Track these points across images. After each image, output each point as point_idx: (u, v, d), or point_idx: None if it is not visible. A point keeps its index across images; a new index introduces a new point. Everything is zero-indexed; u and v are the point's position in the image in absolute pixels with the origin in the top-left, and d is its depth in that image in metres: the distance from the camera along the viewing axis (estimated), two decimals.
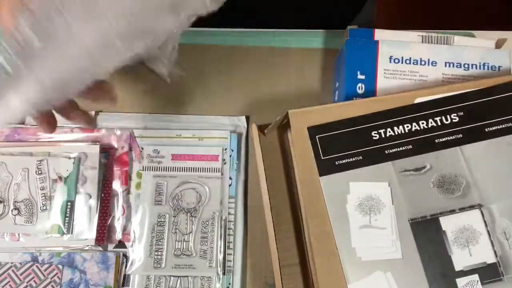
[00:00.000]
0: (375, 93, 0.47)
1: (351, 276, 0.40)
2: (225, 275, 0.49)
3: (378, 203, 0.41)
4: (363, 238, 0.40)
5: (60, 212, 0.49)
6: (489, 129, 0.42)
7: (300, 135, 0.43)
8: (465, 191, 0.41)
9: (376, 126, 0.43)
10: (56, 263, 0.49)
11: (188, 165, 0.52)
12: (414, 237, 0.40)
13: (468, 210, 0.40)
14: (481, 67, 0.47)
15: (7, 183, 0.50)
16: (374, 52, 0.47)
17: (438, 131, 0.42)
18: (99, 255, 0.49)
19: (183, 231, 0.50)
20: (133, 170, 0.52)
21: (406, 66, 0.47)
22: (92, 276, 0.49)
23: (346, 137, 0.42)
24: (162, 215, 0.50)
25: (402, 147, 0.42)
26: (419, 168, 0.42)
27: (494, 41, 0.48)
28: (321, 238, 0.41)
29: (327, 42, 0.56)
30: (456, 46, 0.48)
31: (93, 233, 0.49)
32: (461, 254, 0.39)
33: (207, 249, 0.49)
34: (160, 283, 0.49)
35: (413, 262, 0.39)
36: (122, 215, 0.50)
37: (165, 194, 0.51)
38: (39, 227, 0.49)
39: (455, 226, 0.40)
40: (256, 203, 0.51)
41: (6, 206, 0.49)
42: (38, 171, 0.50)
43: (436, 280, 0.39)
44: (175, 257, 0.49)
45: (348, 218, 0.41)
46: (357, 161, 0.42)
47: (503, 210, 0.40)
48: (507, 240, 0.40)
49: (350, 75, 0.47)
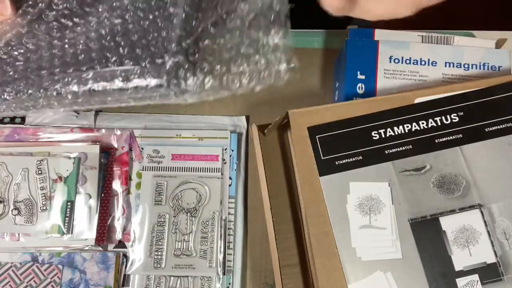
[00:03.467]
0: (375, 93, 0.47)
1: (351, 276, 0.40)
2: (225, 275, 0.49)
3: (378, 203, 0.41)
4: (363, 238, 0.40)
5: (60, 212, 0.49)
6: (489, 129, 0.42)
7: (300, 135, 0.43)
8: (465, 191, 0.41)
9: (376, 126, 0.43)
10: (56, 263, 0.49)
11: (188, 165, 0.52)
12: (414, 237, 0.40)
13: (468, 210, 0.40)
14: (481, 67, 0.47)
15: (7, 183, 0.50)
16: (374, 52, 0.47)
17: (438, 131, 0.42)
18: (99, 255, 0.49)
19: (183, 231, 0.50)
20: (133, 170, 0.52)
21: (406, 66, 0.47)
22: (92, 276, 0.49)
23: (346, 137, 0.42)
24: (162, 215, 0.50)
25: (402, 147, 0.42)
26: (419, 168, 0.42)
27: (494, 41, 0.48)
28: (321, 238, 0.41)
29: (327, 42, 0.56)
30: (456, 46, 0.48)
31: (93, 233, 0.49)
32: (461, 254, 0.39)
33: (207, 249, 0.49)
34: (160, 283, 0.49)
35: (413, 262, 0.39)
36: (122, 215, 0.50)
37: (165, 194, 0.51)
38: (39, 227, 0.49)
39: (455, 226, 0.40)
40: (256, 203, 0.51)
41: (6, 206, 0.49)
42: (38, 171, 0.50)
43: (436, 280, 0.39)
44: (175, 257, 0.49)
45: (348, 218, 0.41)
46: (357, 161, 0.42)
47: (503, 210, 0.40)
48: (507, 240, 0.40)
49: (350, 75, 0.47)
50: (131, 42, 0.38)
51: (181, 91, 0.37)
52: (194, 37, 0.37)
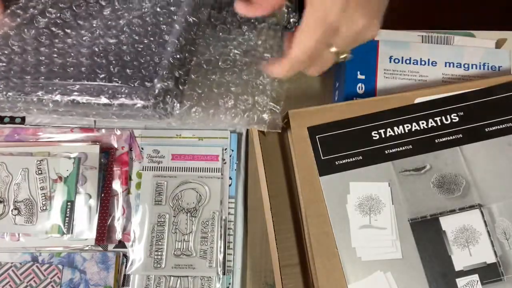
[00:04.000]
0: (375, 93, 0.47)
1: (351, 276, 0.40)
2: (225, 275, 0.49)
3: (378, 203, 0.41)
4: (363, 238, 0.40)
5: (60, 212, 0.49)
6: (489, 129, 0.42)
7: (300, 135, 0.43)
8: (465, 191, 0.41)
9: (376, 126, 0.43)
10: (56, 263, 0.49)
11: (188, 165, 0.52)
12: (414, 237, 0.40)
13: (468, 210, 0.40)
14: (481, 67, 0.47)
15: (7, 183, 0.50)
16: (374, 52, 0.47)
17: (438, 131, 0.42)
18: (99, 255, 0.49)
19: (183, 231, 0.50)
20: (133, 170, 0.52)
21: (406, 66, 0.47)
22: (92, 276, 0.49)
23: (346, 137, 0.42)
24: (162, 215, 0.50)
25: (402, 147, 0.42)
26: (419, 168, 0.42)
27: (494, 41, 0.48)
28: (321, 238, 0.41)
29: None
30: (456, 46, 0.48)
31: (93, 233, 0.49)
32: (461, 254, 0.39)
33: (207, 249, 0.49)
34: (160, 283, 0.49)
35: (413, 262, 0.39)
36: (122, 215, 0.50)
37: (165, 194, 0.51)
38: (39, 227, 0.49)
39: (455, 226, 0.40)
40: (256, 203, 0.51)
41: (6, 206, 0.49)
42: (38, 171, 0.50)
43: (436, 280, 0.39)
44: (175, 257, 0.49)
45: (348, 218, 0.41)
46: (357, 161, 0.42)
47: (503, 210, 0.40)
48: (507, 240, 0.40)
49: (350, 75, 0.47)
50: (123, 62, 0.39)
51: (166, 115, 0.38)
52: (186, 68, 0.38)
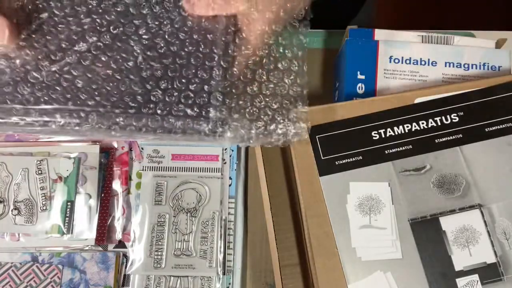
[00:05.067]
0: (375, 93, 0.47)
1: (351, 276, 0.40)
2: (225, 275, 0.49)
3: (378, 203, 0.41)
4: (363, 238, 0.40)
5: (60, 212, 0.49)
6: (489, 129, 0.42)
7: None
8: (465, 191, 0.41)
9: (376, 126, 0.43)
10: (56, 263, 0.49)
11: (188, 165, 0.52)
12: (414, 237, 0.40)
13: (468, 210, 0.40)
14: (481, 67, 0.47)
15: (7, 183, 0.50)
16: (374, 52, 0.47)
17: (438, 131, 0.42)
18: (99, 255, 0.49)
19: (183, 231, 0.50)
20: (133, 170, 0.52)
21: (406, 66, 0.47)
22: (92, 276, 0.49)
23: (346, 137, 0.42)
24: (162, 215, 0.50)
25: (402, 147, 0.42)
26: (419, 168, 0.42)
27: (494, 41, 0.48)
28: (321, 238, 0.41)
29: (327, 42, 0.56)
30: (456, 46, 0.48)
31: (93, 233, 0.49)
32: (461, 254, 0.39)
33: (207, 249, 0.49)
34: (160, 283, 0.49)
35: (413, 262, 0.39)
36: (122, 215, 0.50)
37: (165, 194, 0.51)
38: (39, 227, 0.49)
39: (455, 226, 0.40)
40: (256, 203, 0.51)
41: (6, 206, 0.49)
42: (38, 171, 0.50)
43: (436, 280, 0.39)
44: (175, 257, 0.49)
45: (348, 218, 0.41)
46: (357, 161, 0.42)
47: (503, 210, 0.40)
48: (507, 240, 0.40)
49: (350, 75, 0.47)
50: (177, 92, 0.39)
51: (216, 140, 0.39)
52: (235, 95, 0.39)
